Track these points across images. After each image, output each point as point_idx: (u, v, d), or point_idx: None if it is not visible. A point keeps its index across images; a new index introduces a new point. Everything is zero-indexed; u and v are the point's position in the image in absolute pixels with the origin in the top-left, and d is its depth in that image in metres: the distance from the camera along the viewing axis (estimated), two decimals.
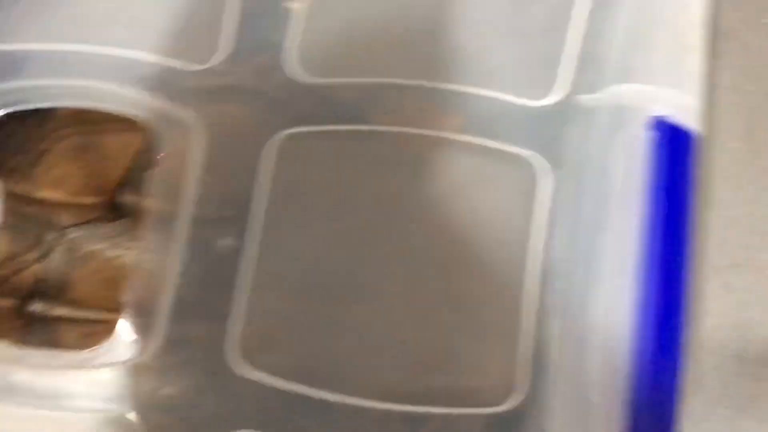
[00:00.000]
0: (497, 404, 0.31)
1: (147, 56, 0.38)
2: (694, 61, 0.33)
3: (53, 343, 0.40)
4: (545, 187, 0.34)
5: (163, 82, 0.37)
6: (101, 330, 0.40)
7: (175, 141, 0.37)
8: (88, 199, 0.41)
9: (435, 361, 0.32)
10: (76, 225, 0.42)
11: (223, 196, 0.36)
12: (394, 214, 0.35)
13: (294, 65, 0.37)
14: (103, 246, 0.41)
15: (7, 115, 0.39)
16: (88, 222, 0.42)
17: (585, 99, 0.35)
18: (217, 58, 0.38)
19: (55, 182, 0.42)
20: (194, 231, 0.36)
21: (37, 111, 0.40)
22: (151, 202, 0.42)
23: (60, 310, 0.41)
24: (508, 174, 0.35)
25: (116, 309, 0.40)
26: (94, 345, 0.38)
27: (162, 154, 0.37)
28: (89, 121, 0.43)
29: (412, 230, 0.34)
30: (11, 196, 0.40)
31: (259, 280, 0.34)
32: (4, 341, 0.36)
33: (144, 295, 0.34)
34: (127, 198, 0.42)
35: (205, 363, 0.33)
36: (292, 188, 0.36)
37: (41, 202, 0.42)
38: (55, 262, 0.41)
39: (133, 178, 0.42)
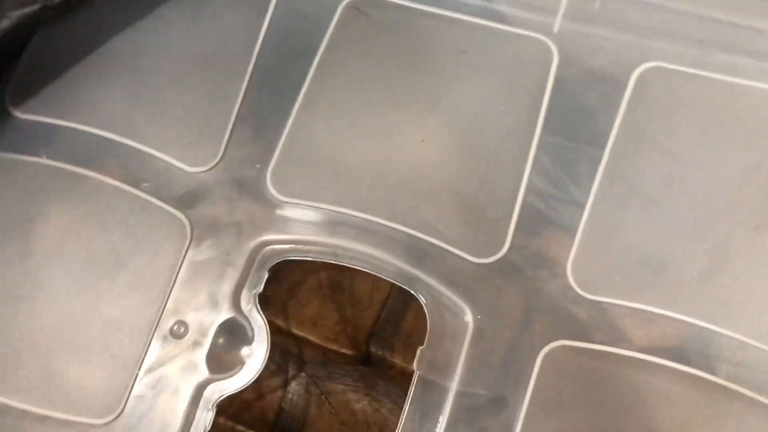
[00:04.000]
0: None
1: (441, 243, 0.40)
2: None
3: None
4: None
5: (444, 269, 0.39)
6: None
7: (442, 325, 0.39)
8: (343, 349, 0.44)
9: None
10: (318, 362, 0.45)
11: (480, 380, 0.38)
12: None
13: (571, 279, 0.39)
14: (343, 388, 0.44)
15: None
16: (331, 362, 0.45)
17: None
18: (498, 255, 0.39)
19: (310, 322, 0.45)
20: (456, 405, 0.38)
21: None
22: (399, 358, 0.44)
23: None
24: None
25: None
26: None
27: (429, 333, 0.39)
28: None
29: None
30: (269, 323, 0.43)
31: None
32: None
33: None
34: (375, 349, 0.44)
35: None
36: (551, 399, 0.37)
37: (294, 337, 0.44)
38: (294, 396, 0.44)
39: (381, 328, 0.45)
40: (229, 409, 0.42)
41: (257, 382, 0.44)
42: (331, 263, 0.45)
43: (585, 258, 0.39)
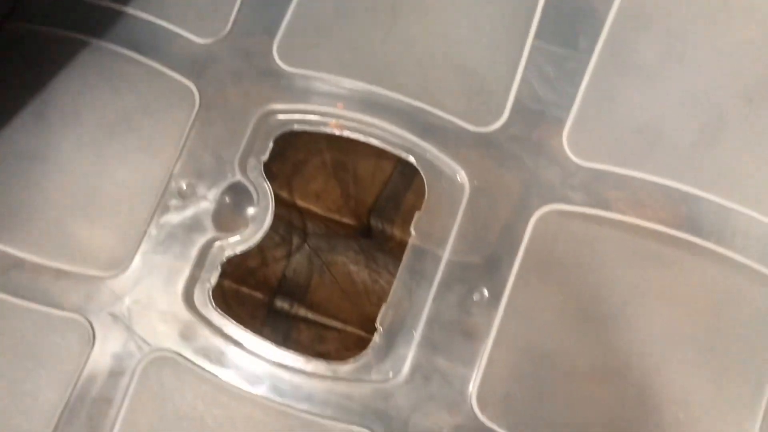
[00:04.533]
0: None
1: (438, 111, 0.41)
2: None
3: (287, 338, 0.45)
4: None
5: (444, 136, 0.40)
6: (331, 336, 0.45)
7: (440, 188, 0.40)
8: (345, 219, 0.45)
9: None
10: (321, 235, 0.46)
11: (473, 246, 0.39)
12: (634, 304, 0.38)
13: (567, 147, 0.40)
14: (344, 260, 0.45)
15: None
16: (333, 234, 0.46)
17: None
18: (497, 125, 0.40)
19: (315, 196, 0.46)
20: (446, 271, 0.39)
21: None
22: (399, 232, 0.45)
23: (299, 310, 0.45)
24: (755, 296, 0.37)
25: (347, 320, 0.44)
26: (325, 349, 0.43)
27: (426, 200, 0.40)
28: (342, 141, 0.46)
29: (649, 323, 0.37)
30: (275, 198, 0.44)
31: (500, 335, 0.38)
32: (249, 331, 0.40)
33: (393, 322, 0.38)
34: (376, 222, 0.45)
35: (447, 402, 0.37)
36: (542, 260, 0.38)
37: (299, 210, 0.46)
38: (297, 265, 0.46)
39: (382, 204, 0.46)
40: (233, 273, 0.44)
41: (261, 252, 0.45)
42: (335, 144, 0.46)
43: (581, 127, 0.40)
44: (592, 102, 0.40)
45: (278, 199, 0.43)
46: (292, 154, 0.46)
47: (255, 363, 0.38)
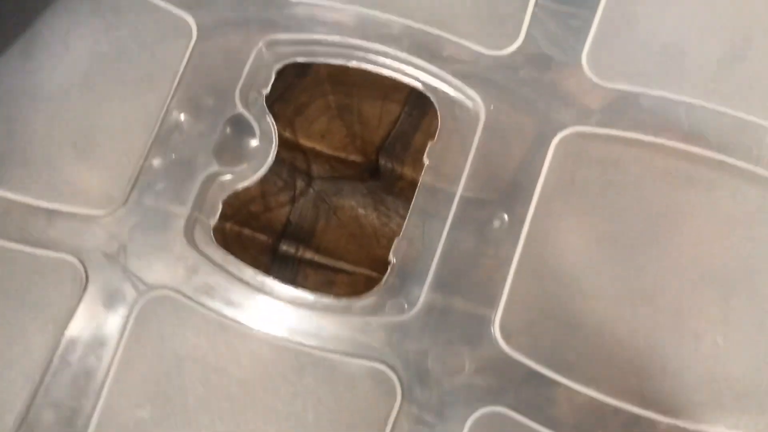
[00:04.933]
0: None
1: (450, 36, 0.39)
2: None
3: (293, 282, 0.43)
4: None
5: (457, 60, 0.38)
6: (340, 280, 0.42)
7: (454, 116, 0.38)
8: (352, 157, 0.43)
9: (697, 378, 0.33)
10: (327, 178, 0.44)
11: (489, 181, 0.37)
12: (664, 226, 0.35)
13: (587, 67, 0.38)
14: (352, 203, 0.43)
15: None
16: (339, 177, 0.44)
17: None
18: (513, 48, 0.38)
19: (319, 136, 0.44)
20: (460, 207, 0.37)
21: (295, 66, 0.42)
22: (408, 171, 0.43)
23: (305, 254, 0.42)
24: None
25: (356, 263, 0.42)
26: (334, 293, 0.40)
27: (439, 130, 0.38)
28: (346, 83, 0.44)
29: (681, 245, 0.35)
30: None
31: (522, 261, 0.35)
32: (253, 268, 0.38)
33: (407, 255, 0.36)
34: (384, 162, 0.43)
35: (468, 333, 0.35)
36: (565, 183, 0.36)
37: (303, 151, 0.43)
38: (302, 209, 0.43)
39: (391, 144, 0.44)
40: (235, 216, 0.41)
41: (264, 197, 0.43)
42: (339, 86, 0.44)
43: (601, 47, 0.38)
44: (613, 21, 0.38)
45: (281, 140, 0.41)
46: (295, 96, 0.44)
47: (261, 300, 0.36)
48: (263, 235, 0.41)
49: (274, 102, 0.40)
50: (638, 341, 0.34)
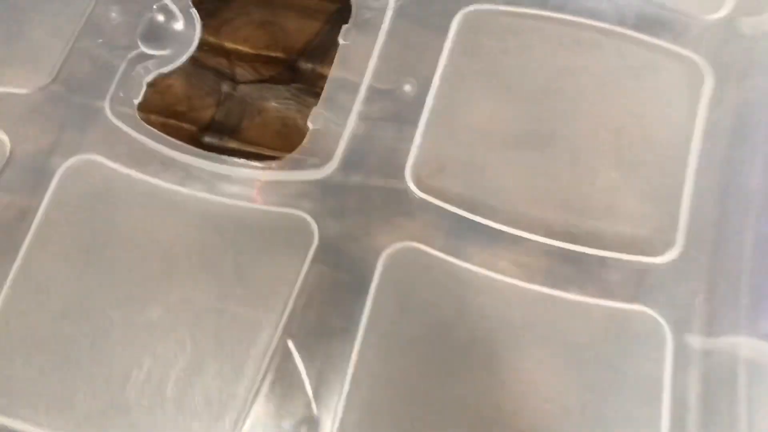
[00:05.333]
0: (653, 255, 0.35)
1: None
2: None
3: None
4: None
5: None
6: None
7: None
8: (273, 54, 0.45)
9: (596, 209, 0.35)
10: (251, 82, 0.46)
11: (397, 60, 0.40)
12: (559, 81, 0.38)
13: None
14: (276, 104, 0.45)
15: None
16: (263, 81, 0.46)
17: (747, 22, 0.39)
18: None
19: (243, 40, 0.46)
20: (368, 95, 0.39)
21: None
22: (326, 70, 0.46)
23: (230, 143, 0.44)
24: (675, 71, 0.39)
25: (281, 150, 0.43)
26: None
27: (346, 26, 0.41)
28: (270, 5, 0.47)
29: (581, 102, 0.38)
30: (202, 43, 0.44)
31: (431, 120, 0.38)
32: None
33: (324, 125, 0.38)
34: (304, 65, 0.46)
35: (380, 184, 0.37)
36: (469, 52, 0.39)
37: (227, 54, 0.46)
38: (227, 110, 0.45)
39: (311, 50, 0.46)
40: (160, 112, 0.43)
41: (189, 99, 0.45)
42: (262, 6, 0.47)
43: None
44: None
45: (205, 44, 0.44)
46: (220, 13, 0.46)
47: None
48: (188, 125, 0.43)
49: (202, 16, 0.43)
50: (538, 179, 0.36)
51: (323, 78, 0.45)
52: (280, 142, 0.44)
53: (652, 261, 0.35)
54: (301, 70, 0.46)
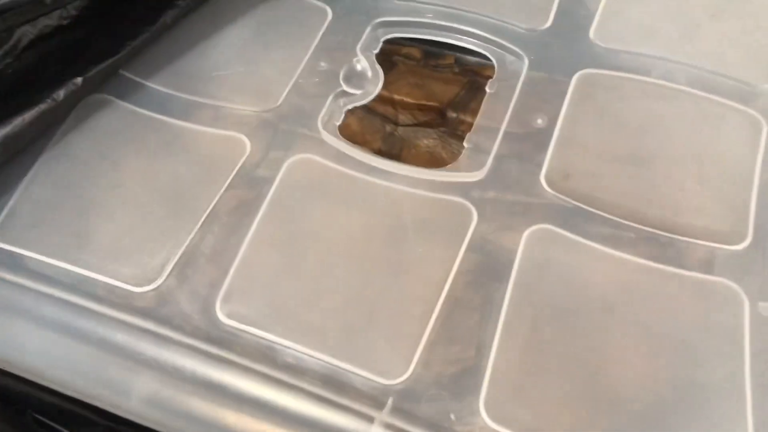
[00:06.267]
0: (729, 244, 0.46)
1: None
2: None
3: None
4: None
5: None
6: None
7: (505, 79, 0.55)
8: (428, 104, 0.59)
9: (684, 209, 0.47)
10: (409, 125, 0.60)
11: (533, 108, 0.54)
12: (657, 126, 0.51)
13: None
14: (427, 142, 0.59)
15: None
16: (418, 124, 0.60)
17: None
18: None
19: (404, 93, 0.61)
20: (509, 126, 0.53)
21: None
22: (469, 118, 0.59)
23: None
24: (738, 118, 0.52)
25: None
26: None
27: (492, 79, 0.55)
28: (420, 75, 0.62)
29: (670, 136, 0.51)
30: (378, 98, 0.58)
31: (558, 143, 0.51)
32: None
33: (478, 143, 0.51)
34: (451, 114, 0.60)
35: (521, 185, 0.49)
36: (585, 104, 0.53)
37: (392, 102, 0.60)
38: (389, 146, 0.59)
39: (456, 102, 0.61)
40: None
41: (362, 135, 0.59)
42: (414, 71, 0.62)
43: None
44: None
45: (379, 97, 0.58)
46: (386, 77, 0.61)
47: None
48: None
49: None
50: (639, 186, 0.48)
51: (464, 124, 0.59)
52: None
53: (729, 248, 0.46)
54: (448, 118, 0.60)
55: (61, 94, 0.51)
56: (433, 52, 0.63)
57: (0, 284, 0.45)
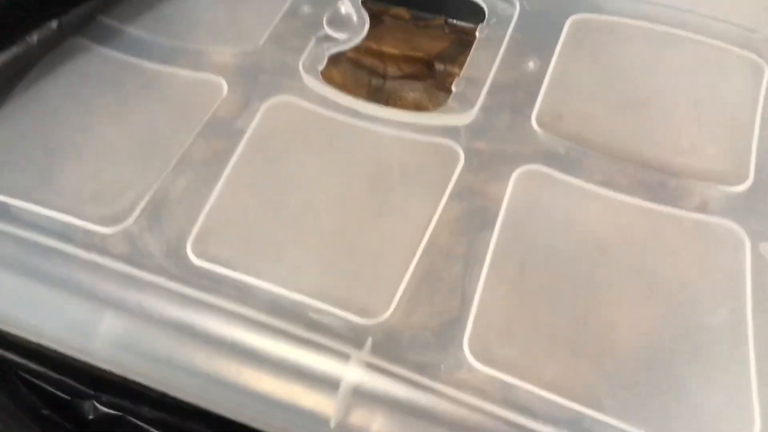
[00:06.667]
0: (730, 185, 0.43)
1: None
2: None
3: None
4: None
5: None
6: None
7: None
8: (416, 54, 0.57)
9: (683, 151, 0.45)
10: (395, 77, 0.58)
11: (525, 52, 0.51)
12: (654, 70, 0.49)
13: None
14: (414, 95, 0.56)
15: None
16: (404, 76, 0.58)
17: None
18: None
19: (390, 44, 0.58)
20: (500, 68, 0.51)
21: None
22: (455, 70, 0.57)
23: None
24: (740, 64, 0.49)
25: None
26: None
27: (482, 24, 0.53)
28: (407, 32, 0.60)
29: (667, 80, 0.48)
30: (360, 48, 0.56)
31: (551, 85, 0.48)
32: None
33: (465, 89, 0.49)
34: (439, 66, 0.57)
35: (511, 126, 0.47)
36: (579, 48, 0.50)
37: (379, 55, 0.58)
38: (374, 98, 0.56)
39: (443, 54, 0.58)
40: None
41: (346, 87, 0.56)
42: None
43: None
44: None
45: (364, 48, 0.56)
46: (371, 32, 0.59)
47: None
48: None
49: None
50: (636, 126, 0.46)
51: (452, 76, 0.57)
52: None
53: (729, 188, 0.43)
54: (435, 69, 0.57)
55: (35, 37, 0.49)
56: (422, 16, 0.61)
57: None
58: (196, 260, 0.41)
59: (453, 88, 0.49)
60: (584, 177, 0.44)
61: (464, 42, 0.58)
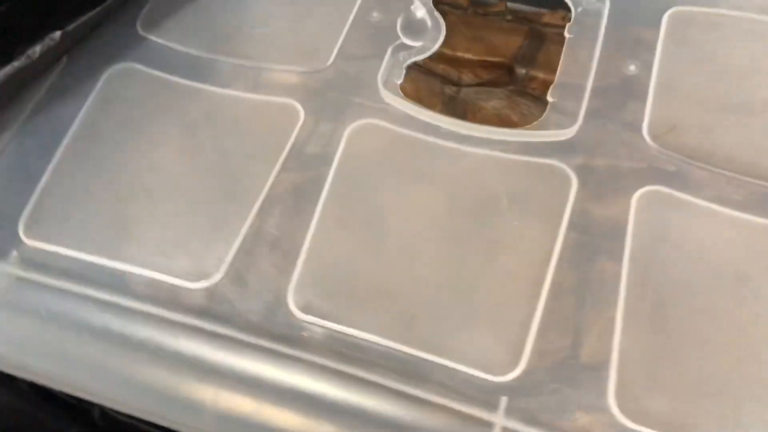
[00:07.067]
0: None
1: None
2: None
3: None
4: None
5: None
6: None
7: None
8: (493, 59, 0.53)
9: None
10: (471, 85, 0.53)
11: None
12: (762, 69, 0.45)
13: None
14: (494, 104, 0.52)
15: None
16: (482, 83, 0.53)
17: None
18: None
19: (463, 48, 0.54)
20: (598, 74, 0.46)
21: None
22: (540, 74, 0.53)
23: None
24: None
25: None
26: None
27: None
28: (474, 26, 0.55)
29: None
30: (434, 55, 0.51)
31: (657, 92, 0.44)
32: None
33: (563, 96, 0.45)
34: (520, 70, 0.53)
35: (620, 141, 0.43)
36: (680, 48, 0.46)
37: (454, 61, 0.53)
38: (451, 110, 0.52)
39: (521, 55, 0.54)
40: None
41: (419, 100, 0.52)
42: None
43: None
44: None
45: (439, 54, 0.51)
46: None
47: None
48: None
49: None
50: (752, 135, 0.42)
51: (535, 80, 0.53)
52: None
53: None
54: (516, 74, 0.53)
55: (37, 50, 0.44)
56: (480, 1, 0.56)
57: (32, 288, 0.39)
58: (299, 314, 0.37)
59: (549, 98, 0.45)
60: (710, 197, 0.40)
61: (537, 34, 0.54)
